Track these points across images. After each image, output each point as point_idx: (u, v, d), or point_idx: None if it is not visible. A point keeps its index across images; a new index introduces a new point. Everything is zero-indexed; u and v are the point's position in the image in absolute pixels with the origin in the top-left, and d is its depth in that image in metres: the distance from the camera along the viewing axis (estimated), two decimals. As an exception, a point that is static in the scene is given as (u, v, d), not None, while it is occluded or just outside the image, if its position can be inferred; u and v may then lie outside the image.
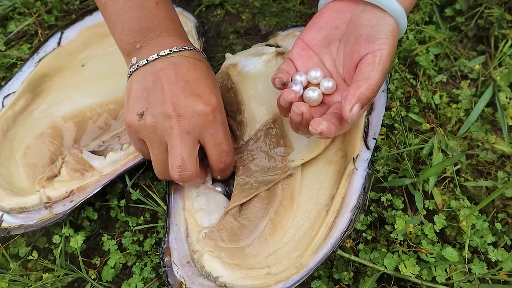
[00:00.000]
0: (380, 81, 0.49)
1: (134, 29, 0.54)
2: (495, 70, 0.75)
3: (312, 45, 0.55)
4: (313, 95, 0.52)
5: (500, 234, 0.61)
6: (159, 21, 0.55)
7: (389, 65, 0.50)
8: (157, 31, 0.55)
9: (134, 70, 0.55)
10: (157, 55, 0.53)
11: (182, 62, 0.54)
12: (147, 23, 0.54)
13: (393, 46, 0.50)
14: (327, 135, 0.48)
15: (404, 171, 0.64)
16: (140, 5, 0.54)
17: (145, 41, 0.54)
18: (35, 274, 0.60)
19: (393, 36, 0.50)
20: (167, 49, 0.54)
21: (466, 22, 0.81)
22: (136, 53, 0.55)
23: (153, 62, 0.53)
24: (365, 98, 0.48)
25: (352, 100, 0.47)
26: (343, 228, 0.52)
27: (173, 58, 0.54)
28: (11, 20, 0.85)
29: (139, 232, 0.62)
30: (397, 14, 0.50)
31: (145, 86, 0.53)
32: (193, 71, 0.54)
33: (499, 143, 0.68)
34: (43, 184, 0.62)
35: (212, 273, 0.52)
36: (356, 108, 0.48)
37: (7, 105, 0.68)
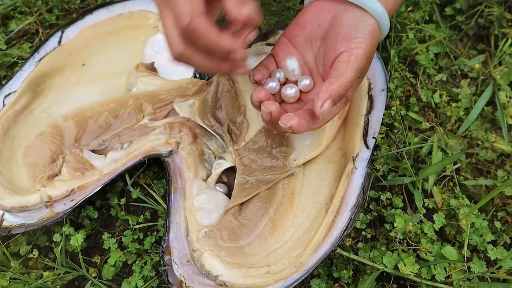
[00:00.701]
0: (353, 78, 0.49)
1: None
2: (495, 69, 0.75)
3: (294, 42, 0.55)
4: (290, 92, 0.52)
5: (499, 233, 0.61)
6: None
7: (365, 64, 0.50)
8: None
9: None
10: None
11: None
12: None
13: (371, 45, 0.51)
14: (297, 130, 0.48)
15: (404, 170, 0.65)
16: None
17: None
18: (36, 273, 0.60)
19: (372, 36, 0.51)
20: None
21: (466, 21, 0.81)
22: None
23: None
24: (337, 95, 0.49)
25: (324, 97, 0.48)
26: (343, 227, 0.53)
27: None
28: (12, 19, 0.85)
29: (139, 230, 0.63)
30: (379, 15, 0.51)
31: None
32: None
33: (498, 142, 0.68)
34: (44, 183, 0.62)
35: (212, 272, 0.52)
36: (327, 105, 0.48)
37: (8, 104, 0.68)
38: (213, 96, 0.65)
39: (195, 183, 0.61)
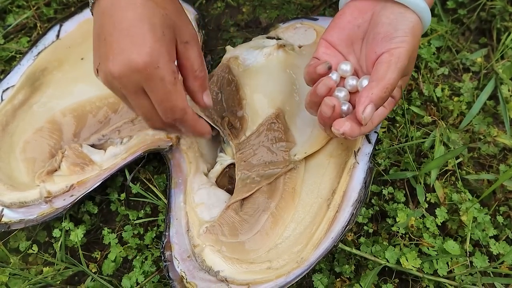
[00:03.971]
0: (395, 80, 0.49)
1: None
2: (497, 62, 0.74)
3: (336, 45, 0.54)
4: (340, 95, 0.52)
5: (501, 227, 0.61)
6: None
7: (408, 63, 0.50)
8: None
9: (91, 8, 0.51)
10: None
11: (119, 2, 0.47)
12: None
13: (413, 44, 0.50)
14: (350, 135, 0.48)
15: (406, 164, 0.64)
16: None
17: None
18: (36, 268, 0.60)
19: (413, 34, 0.50)
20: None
21: (468, 14, 0.80)
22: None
23: (98, 1, 0.49)
24: (378, 99, 0.48)
25: (365, 102, 0.48)
26: (344, 223, 0.52)
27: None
28: (10, 13, 0.84)
29: (139, 225, 0.62)
30: (420, 9, 0.50)
31: (97, 31, 0.49)
32: (126, 12, 0.47)
33: (501, 136, 0.67)
34: (43, 178, 0.62)
35: (213, 268, 0.52)
36: (369, 109, 0.48)
37: (6, 99, 0.68)
38: (214, 90, 0.65)
39: (196, 178, 0.60)
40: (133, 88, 0.47)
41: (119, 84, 0.47)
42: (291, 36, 0.70)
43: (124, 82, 0.47)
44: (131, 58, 0.45)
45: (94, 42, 0.50)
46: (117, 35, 0.46)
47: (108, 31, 0.47)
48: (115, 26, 0.47)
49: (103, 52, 0.47)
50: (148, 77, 0.46)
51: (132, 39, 0.46)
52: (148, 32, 0.46)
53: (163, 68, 0.47)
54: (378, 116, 0.52)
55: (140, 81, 0.46)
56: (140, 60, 0.45)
